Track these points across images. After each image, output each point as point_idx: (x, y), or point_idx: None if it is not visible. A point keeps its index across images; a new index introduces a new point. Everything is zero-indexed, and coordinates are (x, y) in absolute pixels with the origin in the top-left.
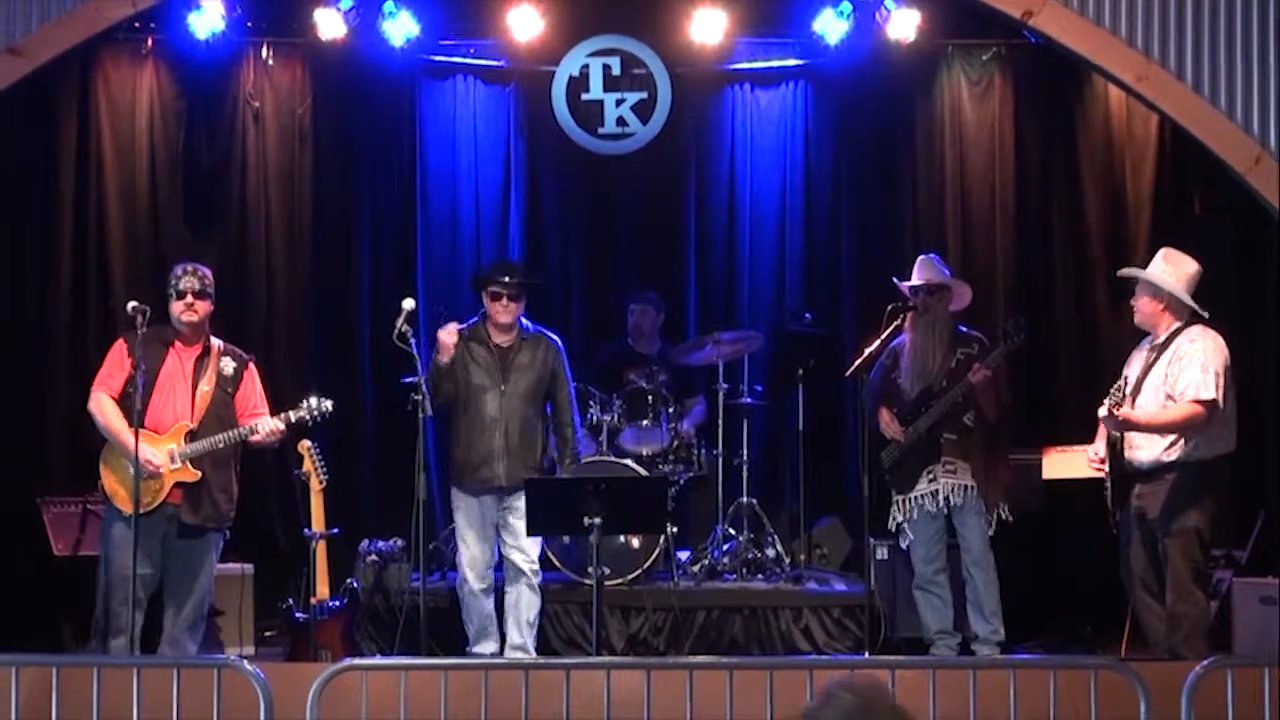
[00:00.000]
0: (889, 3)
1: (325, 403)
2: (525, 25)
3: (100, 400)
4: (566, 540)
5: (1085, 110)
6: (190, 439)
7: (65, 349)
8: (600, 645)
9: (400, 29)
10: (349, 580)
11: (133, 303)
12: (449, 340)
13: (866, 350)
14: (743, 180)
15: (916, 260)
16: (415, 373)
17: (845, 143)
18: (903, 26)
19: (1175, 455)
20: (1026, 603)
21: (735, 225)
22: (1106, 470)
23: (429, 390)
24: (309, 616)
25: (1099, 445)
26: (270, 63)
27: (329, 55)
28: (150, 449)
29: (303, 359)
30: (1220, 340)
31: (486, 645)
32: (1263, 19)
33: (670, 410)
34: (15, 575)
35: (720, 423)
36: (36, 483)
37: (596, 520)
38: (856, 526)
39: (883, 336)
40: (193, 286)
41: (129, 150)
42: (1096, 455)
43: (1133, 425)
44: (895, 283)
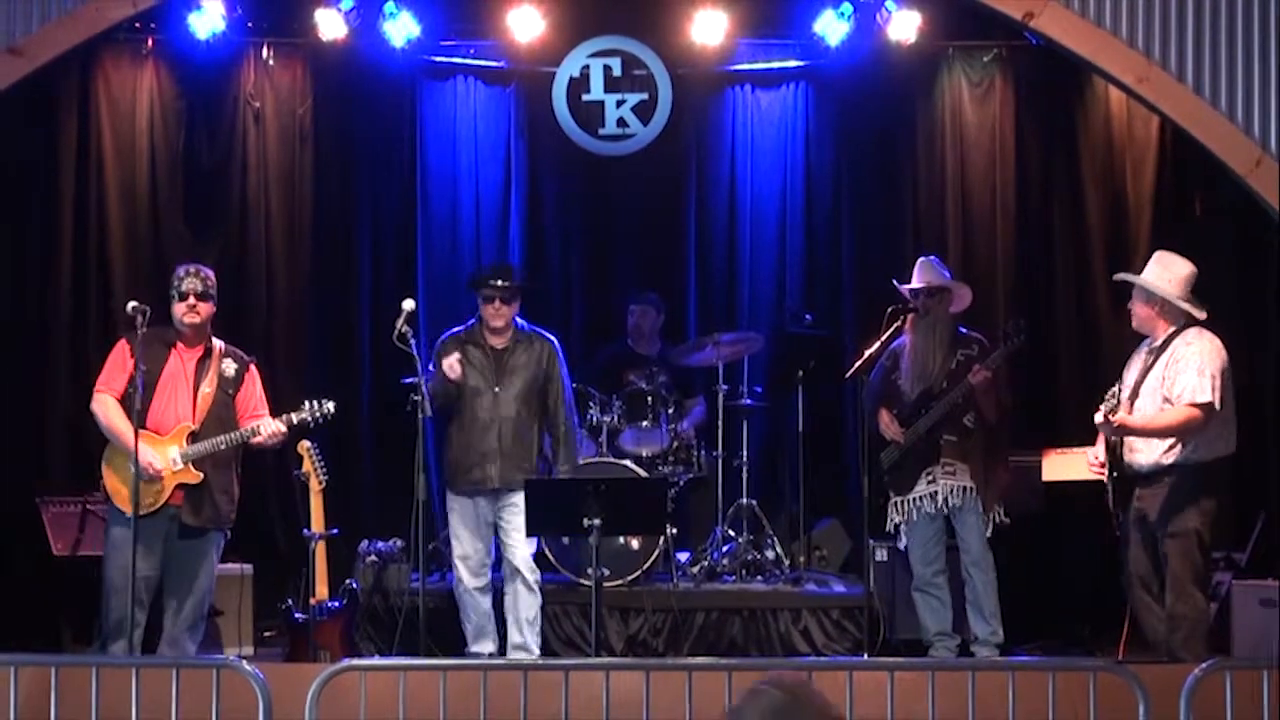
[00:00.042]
0: (890, 4)
1: (327, 404)
2: (526, 26)
3: (104, 401)
4: (566, 541)
5: (1086, 112)
6: (192, 440)
7: (65, 349)
8: (599, 646)
9: (401, 30)
10: (348, 581)
11: (133, 303)
12: (452, 376)
13: (866, 352)
14: (743, 181)
15: (917, 262)
16: (415, 373)
17: (846, 144)
18: (903, 28)
19: (1174, 458)
20: (1026, 604)
21: (736, 226)
22: (1106, 473)
23: (429, 395)
24: (308, 617)
25: (1099, 448)
26: (271, 63)
27: (330, 56)
28: (151, 451)
29: (303, 359)
30: (1218, 342)
31: (485, 645)
32: (1264, 20)
33: (670, 411)
34: (15, 575)
35: (720, 424)
36: (36, 483)
37: (596, 521)
38: (856, 528)
39: (883, 338)
40: (195, 288)
41: (129, 150)
42: (1096, 458)
43: (1129, 430)
44: (895, 285)
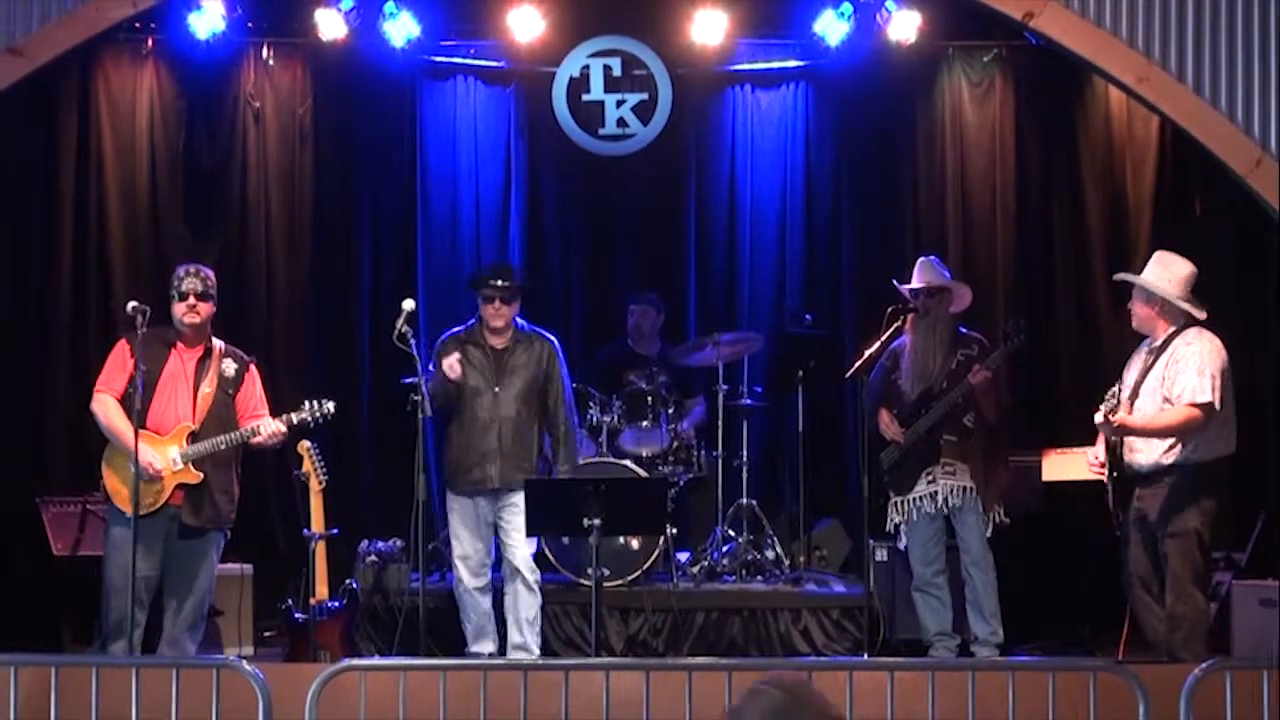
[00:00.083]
0: (890, 4)
1: (327, 404)
2: (526, 26)
3: (104, 401)
4: (566, 541)
5: (1086, 112)
6: (192, 440)
7: (65, 349)
8: (599, 646)
9: (401, 30)
10: (348, 581)
11: (133, 303)
12: (453, 376)
13: (866, 352)
14: (743, 181)
15: (917, 262)
16: (415, 373)
17: (846, 144)
18: (903, 28)
19: (1174, 458)
20: (1026, 604)
21: (735, 226)
22: (1106, 473)
23: (429, 395)
24: (308, 617)
25: (1099, 448)
26: (271, 63)
27: (330, 56)
28: (151, 452)
29: (303, 359)
30: (1217, 342)
31: (484, 645)
32: (1264, 21)
33: (670, 411)
34: (15, 575)
35: (720, 424)
36: (36, 483)
37: (596, 521)
38: (856, 528)
39: (883, 338)
40: (195, 288)
41: (129, 150)
42: (1096, 459)
43: (1129, 430)
44: (895, 285)
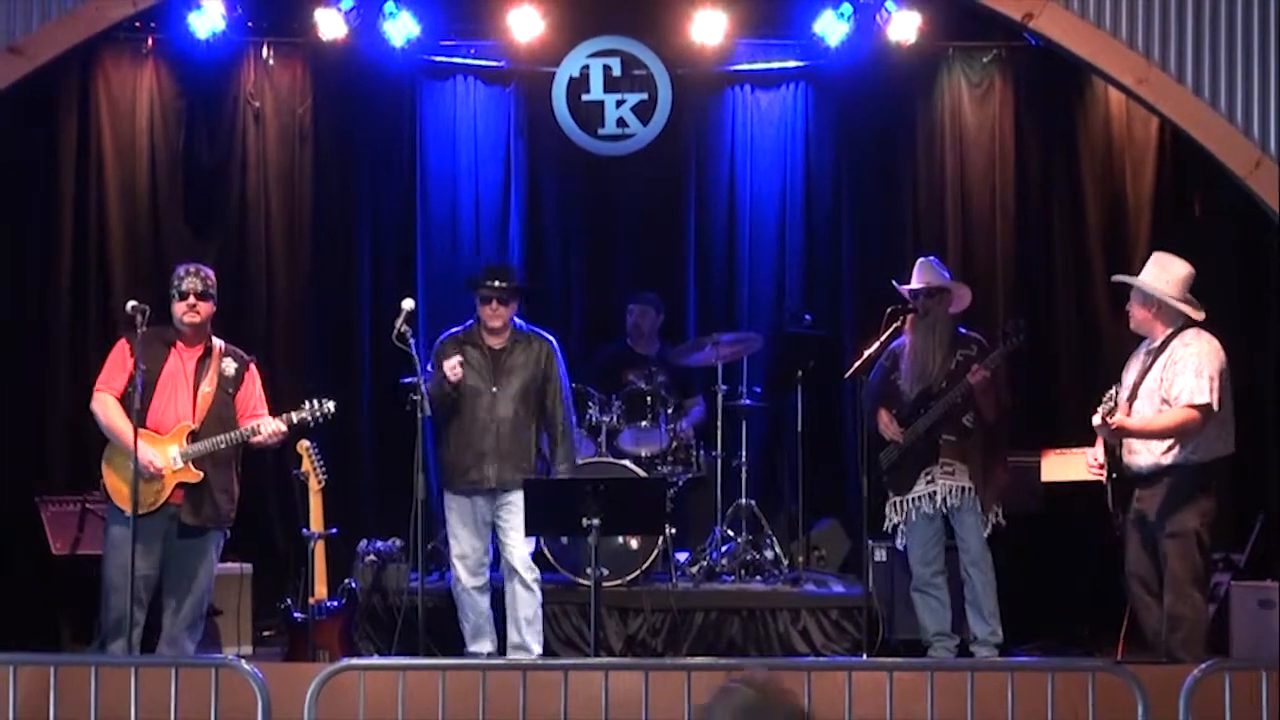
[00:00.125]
0: (889, 5)
1: (327, 404)
2: (526, 26)
3: (103, 400)
4: (565, 541)
5: (1085, 113)
6: (192, 439)
7: (65, 349)
8: (598, 646)
9: (401, 29)
10: (347, 580)
11: (132, 302)
12: (453, 377)
13: (866, 352)
14: (743, 182)
15: (916, 263)
16: (414, 373)
17: (846, 144)
18: (903, 28)
19: (1173, 458)
20: (1025, 605)
21: (735, 227)
22: (1106, 475)
23: (428, 395)
24: (307, 616)
25: (1098, 449)
26: (271, 63)
27: (329, 55)
28: (152, 450)
29: (303, 359)
30: (1215, 343)
31: (483, 644)
32: (1263, 22)
33: (669, 411)
34: (14, 575)
35: (719, 424)
36: (36, 482)
37: (595, 521)
38: (855, 528)
39: (882, 338)
40: (195, 287)
41: (129, 150)
42: (1095, 460)
43: (1127, 432)
44: (895, 285)
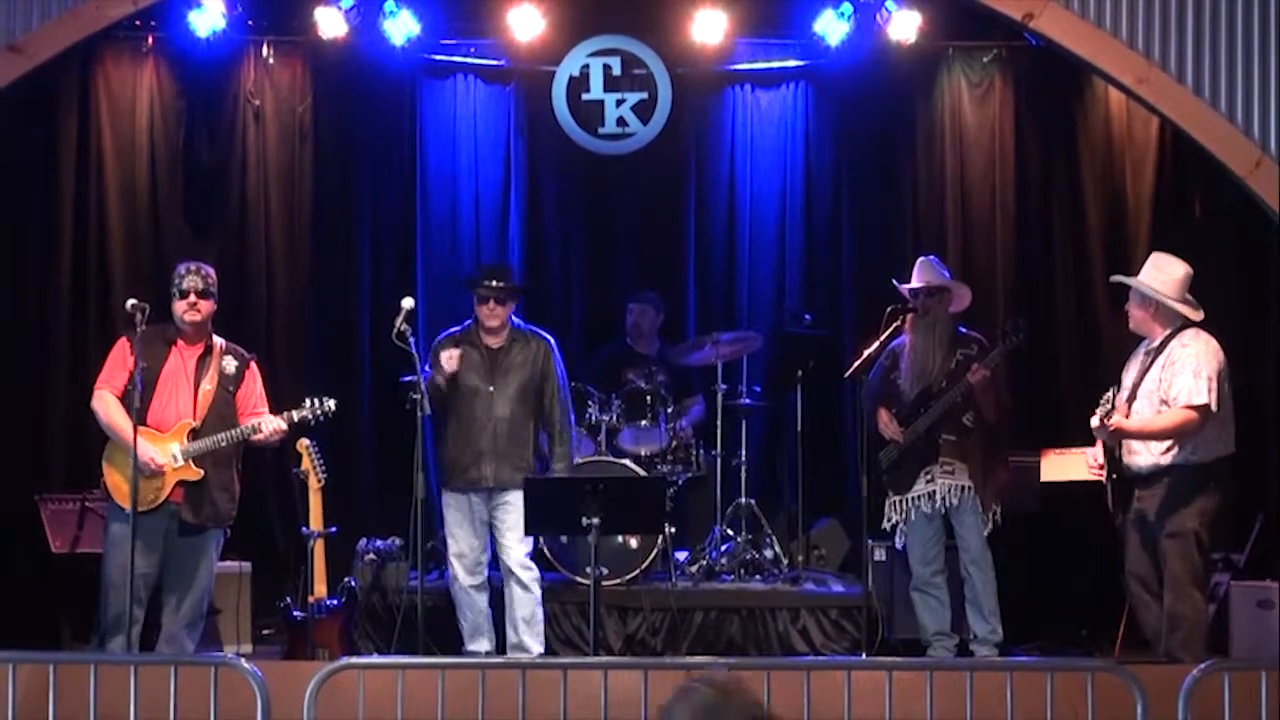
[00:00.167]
0: (890, 4)
1: (328, 402)
2: (526, 25)
3: (103, 398)
4: (565, 540)
5: (1086, 112)
6: (193, 437)
7: (65, 349)
8: (598, 645)
9: (401, 28)
10: (347, 579)
11: (132, 300)
12: (450, 368)
13: (866, 351)
14: (743, 181)
15: (916, 262)
16: (414, 372)
17: (846, 144)
18: (903, 28)
19: (1172, 459)
20: (1025, 604)
21: (735, 226)
22: (1105, 475)
23: (428, 393)
24: (306, 615)
25: (1098, 450)
26: (271, 61)
27: (329, 54)
28: (153, 447)
29: (303, 358)
30: (1214, 344)
31: (480, 643)
32: (1264, 22)
33: (669, 410)
34: (14, 573)
35: (719, 423)
36: (35, 481)
37: (595, 520)
38: (855, 528)
39: (882, 338)
40: (196, 286)
41: (129, 149)
42: (1095, 460)
43: (1125, 434)
44: (895, 285)
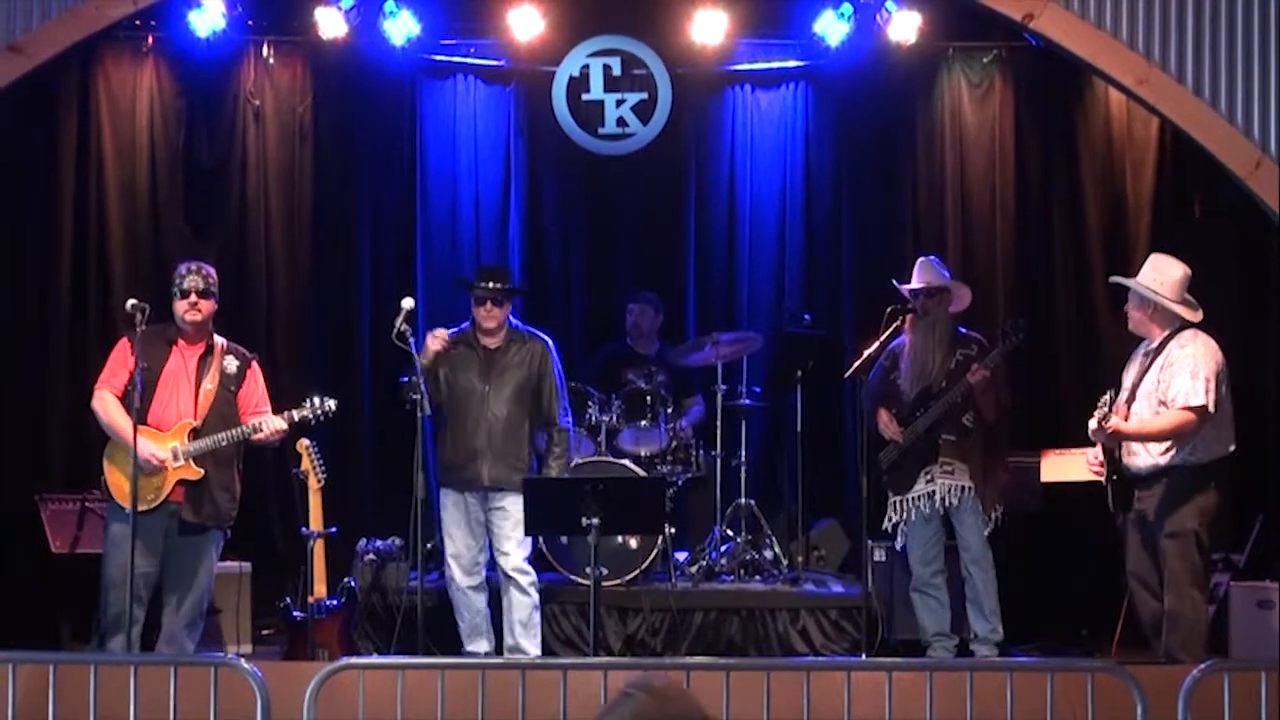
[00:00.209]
0: (890, 5)
1: (329, 402)
2: (526, 25)
3: (103, 398)
4: (564, 540)
5: (1086, 113)
6: (194, 437)
7: (65, 349)
8: (597, 646)
9: (401, 28)
10: (346, 579)
11: (132, 300)
12: (433, 345)
13: (865, 352)
14: (743, 181)
15: (916, 262)
16: (414, 372)
17: (846, 144)
18: (903, 28)
19: (1171, 459)
20: (1025, 605)
21: (735, 226)
22: (1106, 476)
23: (426, 391)
24: (306, 615)
25: (1098, 449)
26: (271, 61)
27: (330, 54)
28: (153, 444)
29: (303, 359)
30: (1212, 344)
31: (479, 644)
32: (1264, 22)
33: (669, 411)
34: (14, 573)
35: (719, 424)
36: (35, 481)
37: (594, 520)
38: (854, 528)
39: (882, 338)
40: (197, 285)
41: (129, 149)
42: (1096, 459)
43: (1124, 436)
44: (895, 285)
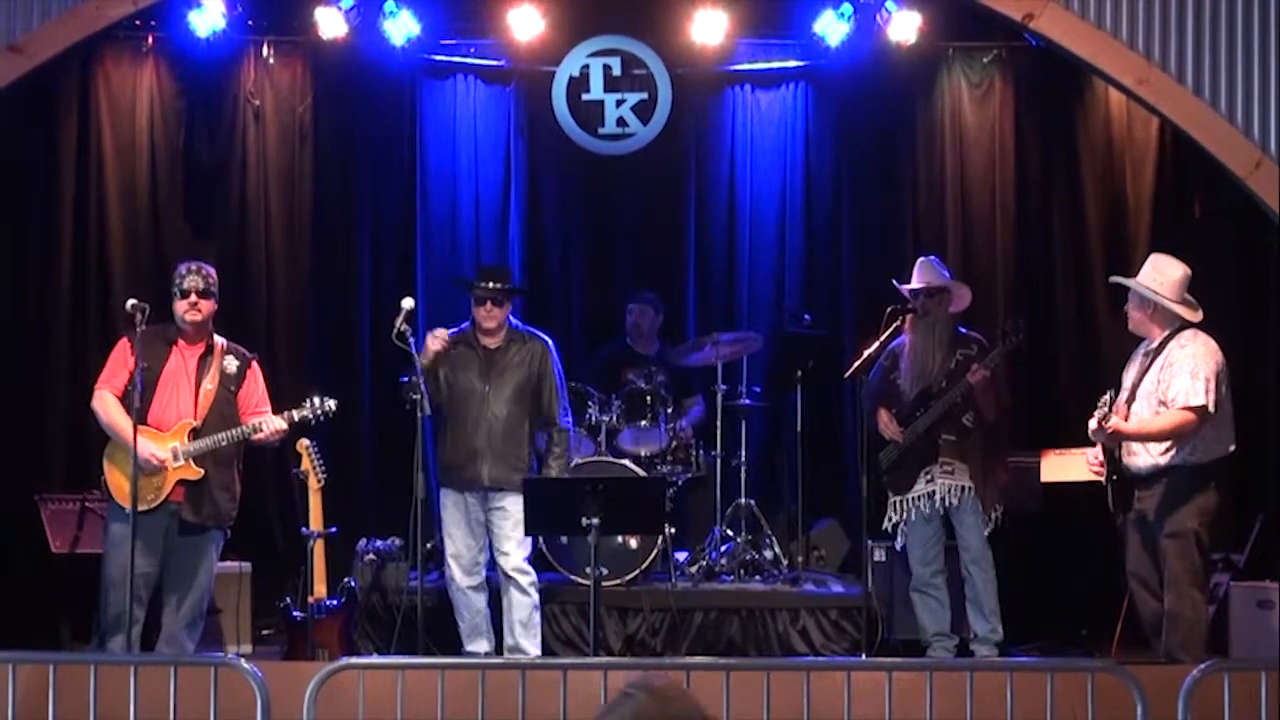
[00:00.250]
0: (890, 5)
1: (329, 401)
2: (526, 25)
3: (103, 398)
4: (564, 540)
5: (1086, 113)
6: (194, 437)
7: (65, 349)
8: (597, 646)
9: (401, 28)
10: (346, 579)
11: (131, 300)
12: (433, 345)
13: (865, 352)
14: (743, 181)
15: (916, 262)
16: (414, 372)
17: (846, 144)
18: (903, 28)
19: (1171, 459)
20: (1025, 605)
21: (735, 226)
22: (1106, 476)
23: (427, 391)
24: (306, 615)
25: (1098, 449)
26: (271, 61)
27: (330, 54)
28: (153, 444)
29: (303, 359)
30: (1212, 344)
31: (479, 644)
32: (1264, 22)
33: (669, 411)
34: (13, 573)
35: (719, 424)
36: (35, 481)
37: (595, 520)
38: (854, 528)
39: (882, 338)
40: (197, 285)
41: (129, 149)
42: (1096, 459)
43: (1124, 436)
44: (895, 285)
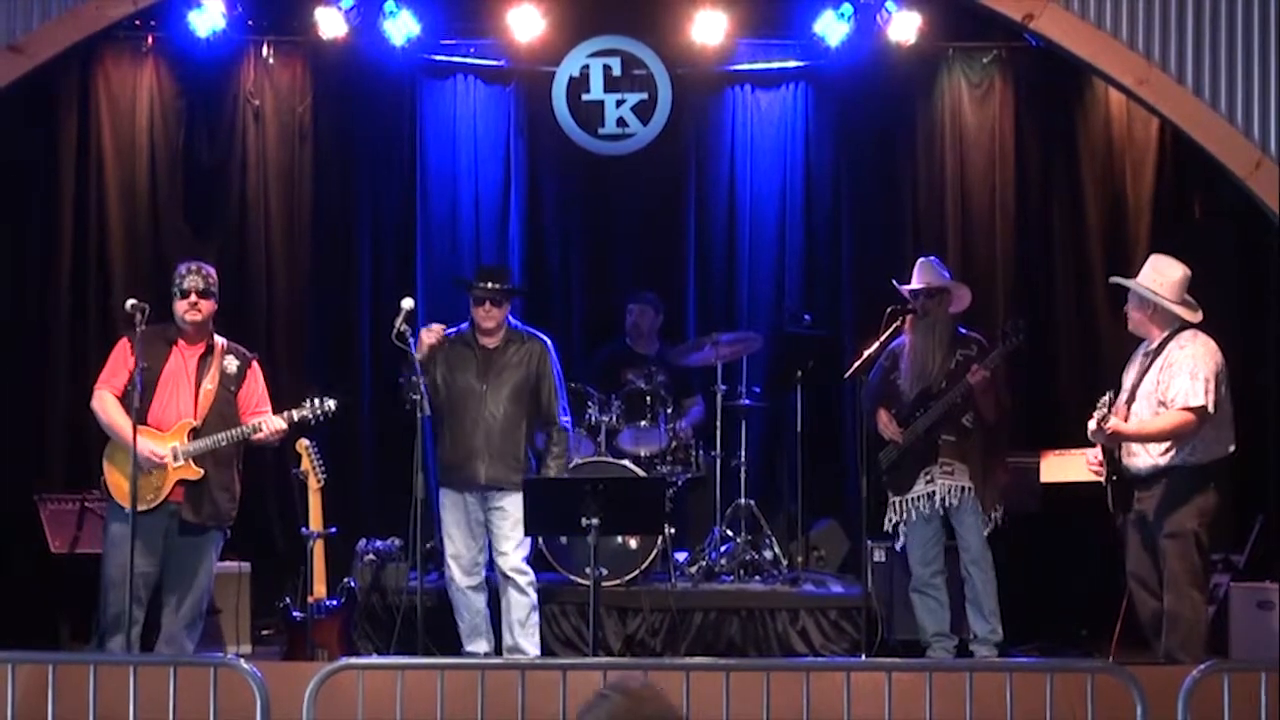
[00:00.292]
0: (890, 5)
1: (329, 402)
2: (526, 25)
3: (103, 398)
4: (564, 540)
5: (1086, 113)
6: (194, 437)
7: (65, 349)
8: (597, 646)
9: (401, 28)
10: (346, 579)
11: (131, 300)
12: (427, 339)
13: (865, 352)
14: (743, 181)
15: (916, 263)
16: (414, 372)
17: (846, 144)
18: (903, 29)
19: (1171, 460)
20: (1024, 605)
21: (735, 226)
22: (1105, 476)
23: (426, 392)
24: (306, 615)
25: (1097, 450)
26: (271, 61)
27: (329, 54)
28: (152, 442)
29: (303, 359)
30: (1211, 345)
31: (478, 644)
32: (1264, 23)
33: (668, 411)
34: (13, 573)
35: (719, 424)
36: (35, 481)
37: (594, 521)
38: (854, 528)
39: (882, 338)
40: (197, 285)
41: (129, 149)
42: (1095, 459)
43: (1123, 437)
44: (895, 286)
